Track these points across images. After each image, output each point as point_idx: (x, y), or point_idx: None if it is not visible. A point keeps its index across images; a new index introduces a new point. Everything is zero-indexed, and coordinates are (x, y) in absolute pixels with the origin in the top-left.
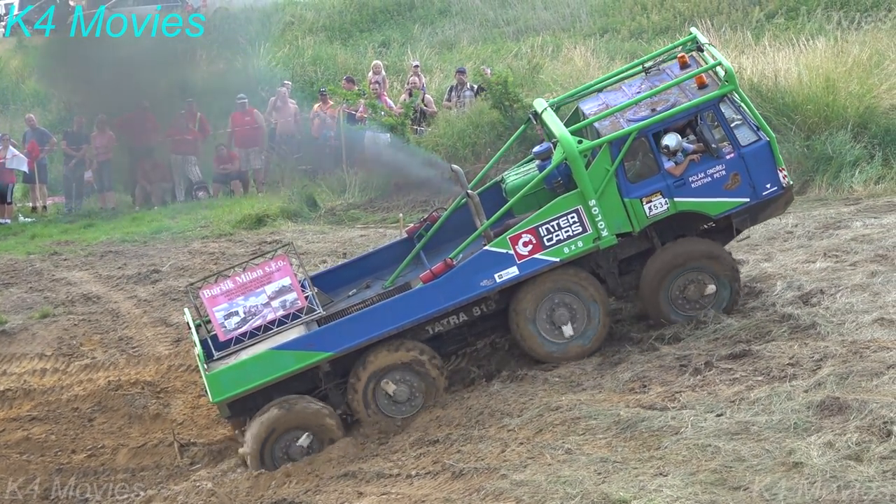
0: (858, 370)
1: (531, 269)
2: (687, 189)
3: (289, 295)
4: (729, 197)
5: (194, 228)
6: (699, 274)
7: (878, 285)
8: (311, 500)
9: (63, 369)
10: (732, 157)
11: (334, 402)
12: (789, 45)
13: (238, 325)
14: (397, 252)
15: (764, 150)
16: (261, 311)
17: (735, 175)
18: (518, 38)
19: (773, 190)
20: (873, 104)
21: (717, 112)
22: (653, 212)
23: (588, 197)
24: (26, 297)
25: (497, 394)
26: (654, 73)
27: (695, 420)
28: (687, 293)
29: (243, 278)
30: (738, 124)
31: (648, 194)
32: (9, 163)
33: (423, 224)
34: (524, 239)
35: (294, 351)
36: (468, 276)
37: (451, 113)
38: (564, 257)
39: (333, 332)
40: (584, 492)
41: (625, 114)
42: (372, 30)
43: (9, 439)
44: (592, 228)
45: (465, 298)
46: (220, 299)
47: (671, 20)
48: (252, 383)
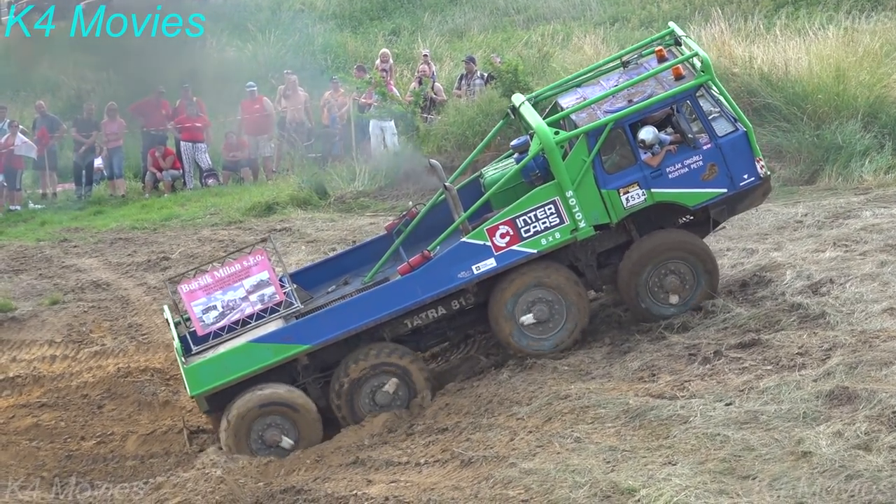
0: (868, 360)
1: (509, 261)
2: (664, 180)
3: (267, 289)
4: (706, 188)
5: (204, 216)
6: (676, 265)
7: (887, 275)
8: (320, 487)
9: (73, 356)
10: (709, 148)
11: (313, 395)
12: (800, 35)
13: (216, 319)
14: (377, 248)
15: (741, 140)
16: (239, 306)
17: (712, 166)
18: (528, 27)
19: (750, 180)
20: (883, 94)
21: (694, 102)
22: (630, 203)
23: (565, 188)
24: (36, 283)
25: (506, 382)
26: (632, 68)
27: (704, 409)
28: (665, 285)
29: (221, 273)
30: (716, 115)
31: (626, 185)
32: (18, 149)
33: (402, 219)
34: (501, 230)
35: (272, 344)
36: (446, 267)
37: (461, 101)
38: (542, 249)
39: (311, 324)
40: (592, 480)
41: (602, 105)
42: (382, 18)
43: (18, 426)
44: (570, 220)
45: (442, 290)
46: (199, 294)
47: (681, 9)
48: (230, 376)
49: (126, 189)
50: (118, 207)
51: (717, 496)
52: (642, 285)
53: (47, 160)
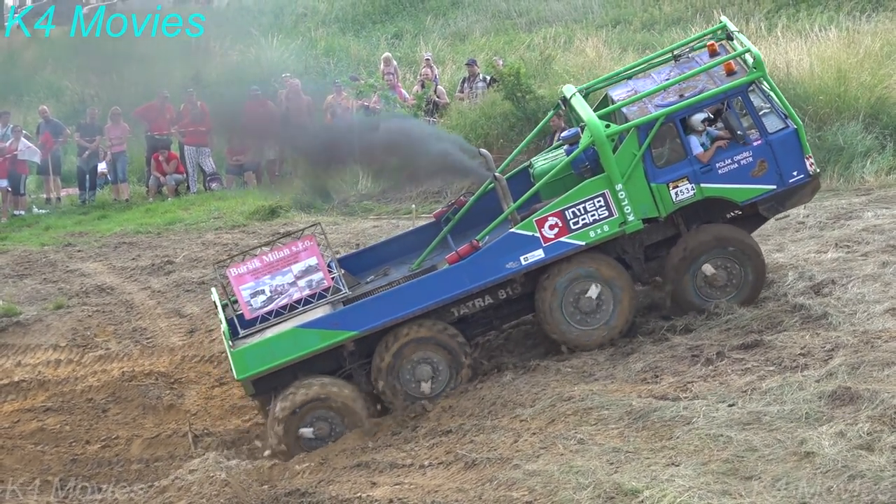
0: (870, 360)
1: (557, 253)
2: (714, 175)
3: (315, 275)
4: (755, 184)
5: (208, 220)
6: (724, 259)
7: (889, 275)
8: (325, 490)
9: (77, 360)
10: (759, 144)
11: (358, 382)
12: (801, 36)
13: (264, 303)
14: (423, 236)
15: (791, 137)
16: (287, 291)
17: (762, 162)
18: (530, 30)
19: (799, 177)
20: (885, 95)
21: (745, 99)
22: (679, 197)
23: (615, 181)
24: (41, 288)
25: (509, 384)
26: (683, 61)
27: (707, 410)
28: (712, 279)
29: (270, 258)
30: (766, 112)
31: (675, 179)
32: (21, 154)
33: (451, 208)
34: (550, 222)
35: (319, 329)
36: (494, 258)
37: (464, 104)
38: (590, 241)
39: (359, 311)
40: (596, 482)
41: (653, 99)
42: (385, 21)
43: (23, 430)
44: (619, 213)
45: (490, 280)
46: (247, 278)
47: (683, 11)
48: (277, 361)
49: (130, 193)
50: (122, 212)
51: (720, 497)
52: (689, 279)
53: (51, 165)
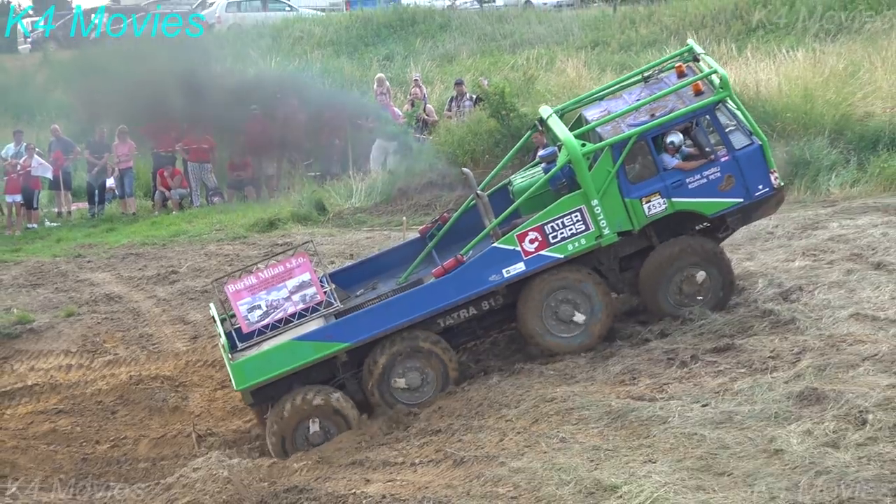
0: (835, 362)
1: (537, 265)
2: (684, 190)
3: (308, 290)
4: (723, 197)
5: (210, 232)
6: (694, 269)
7: (853, 282)
8: (321, 487)
9: (87, 365)
10: (727, 160)
11: (351, 390)
12: (770, 57)
13: (261, 317)
14: (410, 251)
15: (757, 153)
16: (282, 305)
17: (729, 177)
18: (514, 51)
19: (765, 191)
20: (849, 112)
21: (713, 117)
22: (652, 211)
23: (591, 197)
24: (52, 297)
25: (495, 386)
26: (652, 83)
27: (681, 410)
28: (683, 287)
29: (266, 274)
30: (733, 129)
31: (648, 195)
32: (34, 171)
33: (435, 224)
34: (531, 236)
35: (314, 342)
36: (477, 271)
37: (452, 122)
38: (568, 254)
39: (350, 323)
40: (577, 478)
41: (625, 119)
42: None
43: (36, 431)
44: (595, 227)
45: (474, 292)
46: (244, 294)
47: (658, 33)
48: (274, 372)
49: (136, 207)
50: (129, 224)
51: (694, 492)
52: (662, 288)
53: (62, 181)
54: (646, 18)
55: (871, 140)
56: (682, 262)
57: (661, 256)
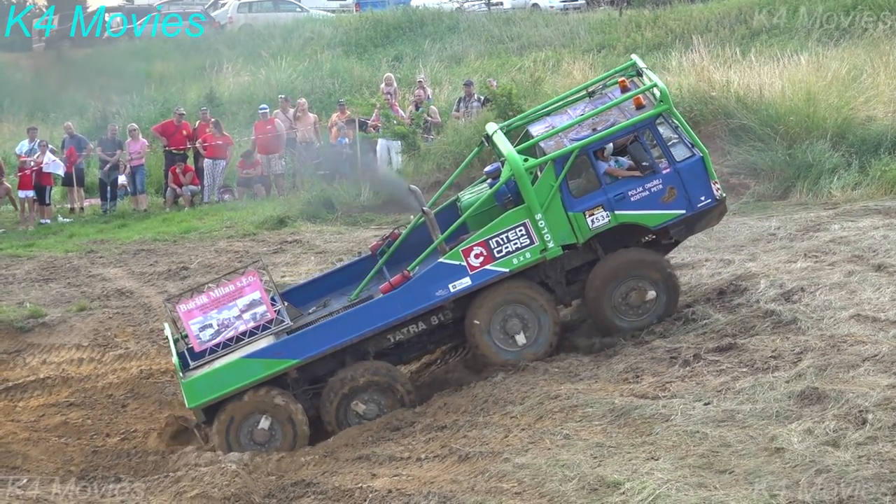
0: (836, 362)
1: (483, 280)
2: (626, 202)
3: (259, 308)
4: (666, 209)
5: (220, 229)
6: (640, 281)
7: (854, 284)
8: (328, 481)
9: (98, 359)
10: (668, 172)
11: (303, 405)
12: (773, 60)
13: (212, 336)
14: (361, 268)
15: (698, 165)
16: (233, 324)
17: (671, 189)
18: (521, 54)
19: (707, 202)
20: (851, 115)
21: (654, 130)
22: (595, 224)
23: (534, 211)
24: (65, 291)
25: (500, 383)
26: (597, 98)
27: (684, 408)
28: (629, 300)
29: (216, 293)
30: (675, 142)
31: (591, 208)
32: (47, 167)
33: (385, 241)
34: (476, 251)
35: (263, 359)
36: (424, 286)
37: (460, 122)
38: (514, 268)
39: (299, 340)
40: (580, 474)
41: (568, 133)
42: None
43: (48, 423)
44: (539, 240)
45: (421, 307)
46: (196, 313)
47: (663, 37)
48: (225, 389)
49: (148, 204)
50: (141, 221)
51: (696, 489)
52: (607, 300)
53: (75, 177)
54: (651, 22)
55: (873, 143)
56: (627, 275)
57: (606, 268)
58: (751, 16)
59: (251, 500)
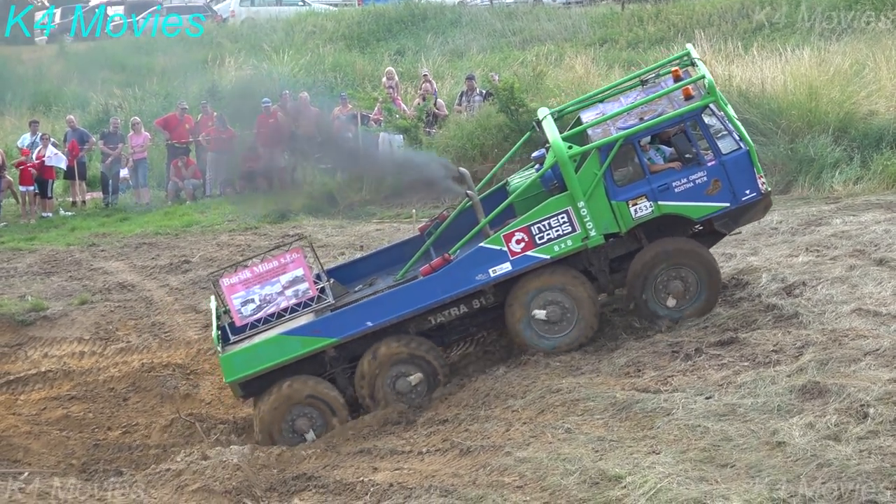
0: (837, 357)
1: (523, 266)
2: (670, 193)
3: (301, 285)
4: (710, 202)
5: (222, 222)
6: (681, 271)
7: (855, 278)
8: (330, 474)
9: (100, 352)
10: (714, 165)
11: (341, 385)
12: (776, 55)
13: (253, 311)
14: (410, 248)
15: (744, 158)
16: (275, 300)
17: (716, 181)
18: (524, 48)
19: (752, 196)
20: (853, 110)
21: (700, 121)
22: (638, 214)
23: (577, 199)
24: (66, 285)
25: (502, 377)
26: (649, 86)
27: (685, 402)
28: (670, 290)
29: (260, 269)
30: (722, 134)
31: (634, 197)
32: (48, 160)
33: (434, 222)
34: (517, 237)
35: (301, 336)
36: (464, 270)
37: (462, 116)
38: (555, 255)
39: (338, 319)
40: (582, 468)
41: (616, 121)
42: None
43: (50, 416)
44: (581, 228)
45: (460, 291)
46: (238, 287)
47: (666, 31)
48: (262, 365)
49: (150, 197)
50: (142, 214)
51: (697, 483)
52: (649, 285)
53: (77, 170)
54: (653, 16)
55: (875, 138)
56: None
57: (647, 257)
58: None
59: (252, 493)
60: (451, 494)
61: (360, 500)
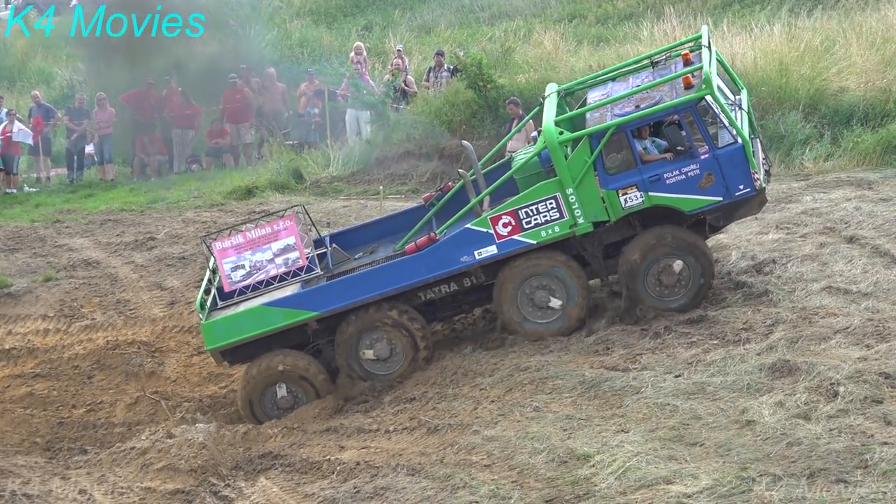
0: (808, 335)
1: (509, 249)
2: (662, 185)
3: (292, 253)
4: (702, 195)
5: (188, 199)
6: (673, 259)
7: (826, 256)
8: (296, 453)
9: (64, 329)
10: (707, 158)
11: (326, 357)
12: (746, 31)
13: (243, 277)
14: (414, 216)
15: (738, 152)
16: (265, 267)
17: (709, 175)
18: (492, 23)
19: (745, 191)
20: (823, 87)
21: (695, 114)
22: (628, 203)
23: (566, 185)
24: (31, 261)
25: (470, 355)
26: (660, 68)
27: (654, 380)
28: (661, 277)
29: (253, 234)
30: (717, 128)
31: (625, 187)
32: (15, 136)
33: (438, 193)
34: (504, 220)
35: (283, 308)
36: (449, 251)
37: (429, 92)
38: (541, 240)
39: (321, 293)
40: (550, 447)
41: (614, 108)
42: (355, 14)
43: (13, 395)
44: (569, 215)
45: (445, 272)
46: (230, 252)
47: (635, 7)
48: (242, 335)
49: (115, 173)
50: (108, 191)
51: (666, 462)
52: (641, 274)
53: (42, 146)
54: None
55: (845, 115)
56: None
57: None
58: None
59: (218, 471)
60: (418, 473)
61: (326, 478)
